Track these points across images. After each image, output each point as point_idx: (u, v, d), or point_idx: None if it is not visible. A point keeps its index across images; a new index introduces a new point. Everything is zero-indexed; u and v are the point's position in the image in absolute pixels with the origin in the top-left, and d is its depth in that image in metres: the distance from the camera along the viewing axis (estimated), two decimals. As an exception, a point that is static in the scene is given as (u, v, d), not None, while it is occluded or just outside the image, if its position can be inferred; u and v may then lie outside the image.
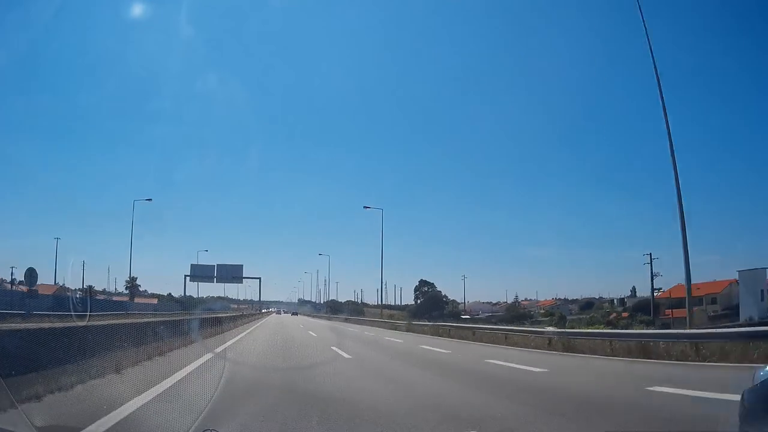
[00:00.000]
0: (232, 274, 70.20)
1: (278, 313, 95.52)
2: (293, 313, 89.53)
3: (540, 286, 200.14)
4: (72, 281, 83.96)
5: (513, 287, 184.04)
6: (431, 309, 69.41)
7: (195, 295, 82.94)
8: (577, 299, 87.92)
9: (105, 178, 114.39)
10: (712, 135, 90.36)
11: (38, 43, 77.66)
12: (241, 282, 75.00)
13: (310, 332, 28.25)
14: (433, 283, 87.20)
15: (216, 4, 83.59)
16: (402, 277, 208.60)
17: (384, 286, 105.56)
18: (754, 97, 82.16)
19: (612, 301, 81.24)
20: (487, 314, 73.86)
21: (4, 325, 8.91)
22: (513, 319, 52.76)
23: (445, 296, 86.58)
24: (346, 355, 13.86)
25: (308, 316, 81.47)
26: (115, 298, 67.36)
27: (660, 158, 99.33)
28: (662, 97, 17.71)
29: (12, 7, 56.20)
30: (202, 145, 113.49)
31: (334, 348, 16.41)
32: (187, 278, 70.47)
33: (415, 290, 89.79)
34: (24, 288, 35.49)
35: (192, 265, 71.61)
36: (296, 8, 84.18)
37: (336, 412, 5.99)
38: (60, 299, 33.78)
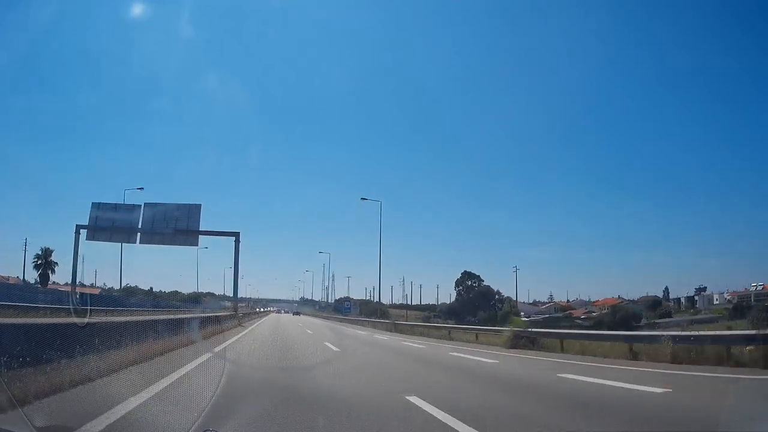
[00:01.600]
0: (175, 224, 30.86)
1: (278, 312, 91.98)
2: (295, 313, 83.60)
3: (541, 286, 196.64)
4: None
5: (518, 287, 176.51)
6: (476, 308, 54.09)
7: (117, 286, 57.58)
8: (634, 300, 76.86)
9: (104, 177, 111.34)
10: (712, 135, 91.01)
11: (38, 43, 75.12)
12: (196, 244, 34.17)
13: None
14: (479, 276, 66.36)
15: (216, 4, 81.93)
16: (413, 276, 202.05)
17: (401, 284, 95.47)
18: (754, 97, 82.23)
19: (678, 300, 71.68)
20: (543, 316, 61.31)
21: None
22: (618, 323, 41.66)
23: (498, 292, 64.75)
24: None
25: (312, 316, 72.40)
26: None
27: (660, 158, 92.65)
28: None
29: (12, 7, 54.79)
30: (202, 144, 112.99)
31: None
32: (83, 233, 32.34)
33: (457, 284, 68.65)
34: None
35: (94, 204, 32.37)
36: (296, 8, 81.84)
37: None
38: None
